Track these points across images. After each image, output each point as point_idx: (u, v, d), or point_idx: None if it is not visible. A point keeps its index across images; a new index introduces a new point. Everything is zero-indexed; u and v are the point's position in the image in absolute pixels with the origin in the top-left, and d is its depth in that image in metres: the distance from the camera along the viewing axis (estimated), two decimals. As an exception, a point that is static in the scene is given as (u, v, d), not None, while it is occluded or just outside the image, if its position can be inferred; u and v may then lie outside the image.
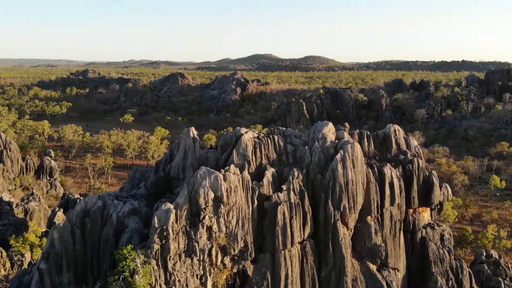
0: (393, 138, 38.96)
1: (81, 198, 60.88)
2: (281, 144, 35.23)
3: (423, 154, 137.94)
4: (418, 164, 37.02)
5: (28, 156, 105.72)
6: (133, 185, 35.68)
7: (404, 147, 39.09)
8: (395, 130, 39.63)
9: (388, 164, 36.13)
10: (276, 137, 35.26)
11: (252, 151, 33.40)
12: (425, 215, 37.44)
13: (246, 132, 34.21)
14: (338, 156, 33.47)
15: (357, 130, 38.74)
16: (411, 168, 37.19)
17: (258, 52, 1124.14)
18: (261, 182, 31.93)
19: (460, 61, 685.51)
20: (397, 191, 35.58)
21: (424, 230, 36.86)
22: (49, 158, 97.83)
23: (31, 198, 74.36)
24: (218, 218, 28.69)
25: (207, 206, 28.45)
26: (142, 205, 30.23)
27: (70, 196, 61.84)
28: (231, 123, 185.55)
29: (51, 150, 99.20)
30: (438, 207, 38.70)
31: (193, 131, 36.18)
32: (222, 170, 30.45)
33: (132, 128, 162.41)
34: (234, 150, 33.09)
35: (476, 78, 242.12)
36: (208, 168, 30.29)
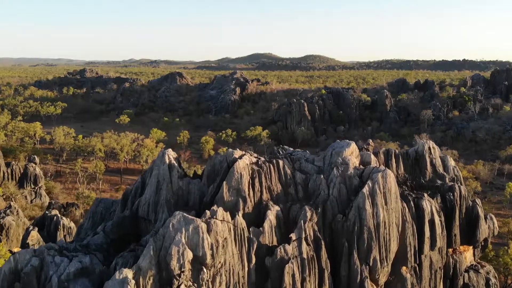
0: (427, 158, 31.17)
1: (59, 215, 53.85)
2: (288, 171, 27.00)
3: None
4: (460, 192, 29.14)
5: (13, 162, 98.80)
6: (95, 222, 27.63)
7: (440, 169, 31.03)
8: (429, 148, 31.35)
9: (426, 195, 28.17)
10: (281, 162, 26.93)
11: (248, 182, 25.08)
12: (468, 255, 29.53)
13: (240, 157, 25.82)
14: (366, 190, 25.36)
15: (383, 149, 30.68)
16: (451, 197, 29.32)
17: (258, 51, 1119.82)
18: (261, 228, 23.72)
19: (461, 60, 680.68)
20: (438, 231, 27.65)
21: (466, 274, 29.03)
22: (34, 165, 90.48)
23: (8, 211, 67.20)
24: (199, 287, 20.49)
25: (183, 271, 20.19)
26: (96, 262, 21.87)
27: (47, 212, 54.46)
28: (230, 124, 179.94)
29: (35, 156, 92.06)
30: (482, 243, 30.97)
31: (170, 155, 27.52)
32: (207, 213, 22.05)
33: (128, 129, 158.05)
34: (225, 182, 24.80)
35: (482, 77, 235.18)
36: (184, 214, 21.84)
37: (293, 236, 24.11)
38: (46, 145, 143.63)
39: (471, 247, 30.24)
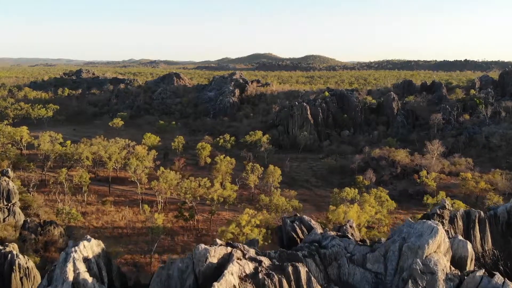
0: (527, 224, 20.02)
1: (14, 252, 44.37)
2: (317, 289, 11.84)
3: (444, 166, 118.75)
4: None
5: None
6: None
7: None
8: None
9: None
10: (302, 269, 12.80)
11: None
12: None
13: (223, 263, 12.48)
14: None
15: (461, 211, 20.14)
16: None
17: (258, 52, 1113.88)
18: None
19: (462, 60, 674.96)
20: None
21: None
22: (7, 179, 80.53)
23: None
24: None
25: None
26: None
27: (1, 249, 45.30)
28: (229, 128, 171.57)
29: (8, 169, 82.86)
30: None
31: (80, 259, 14.13)
32: None
33: (122, 133, 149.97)
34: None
35: (490, 79, 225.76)
36: None
37: None
38: (34, 151, 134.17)
39: None
